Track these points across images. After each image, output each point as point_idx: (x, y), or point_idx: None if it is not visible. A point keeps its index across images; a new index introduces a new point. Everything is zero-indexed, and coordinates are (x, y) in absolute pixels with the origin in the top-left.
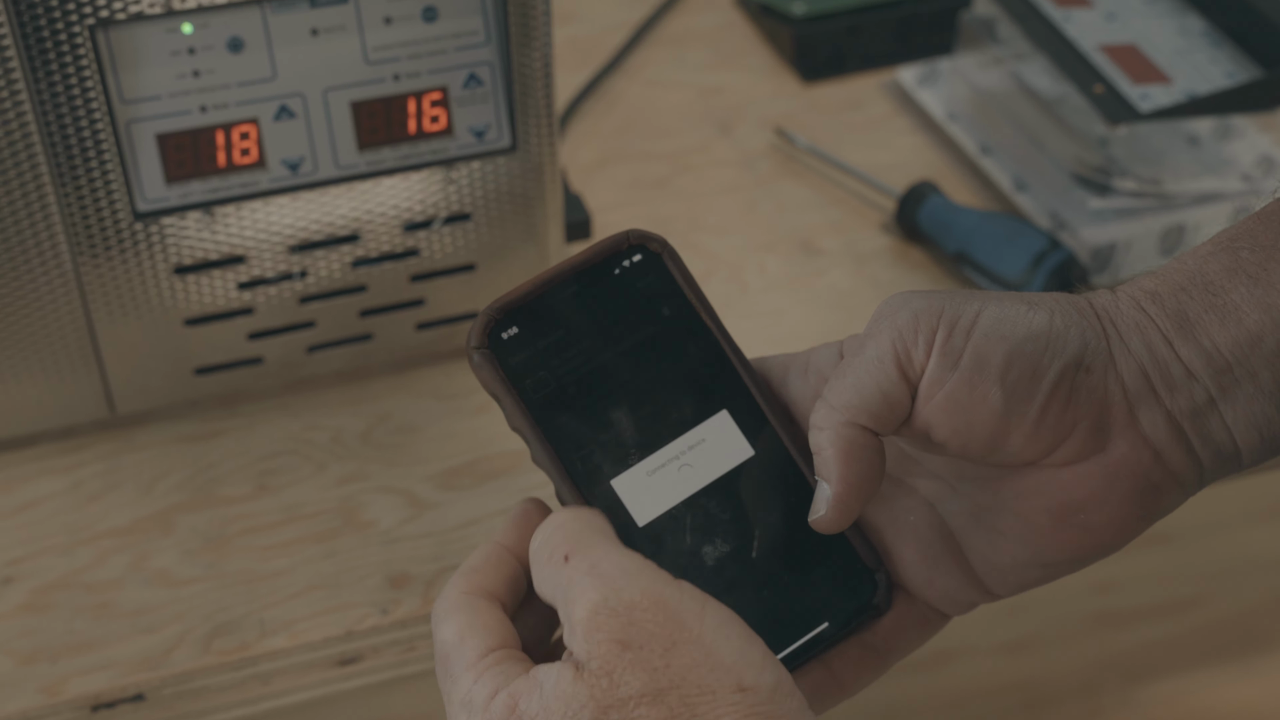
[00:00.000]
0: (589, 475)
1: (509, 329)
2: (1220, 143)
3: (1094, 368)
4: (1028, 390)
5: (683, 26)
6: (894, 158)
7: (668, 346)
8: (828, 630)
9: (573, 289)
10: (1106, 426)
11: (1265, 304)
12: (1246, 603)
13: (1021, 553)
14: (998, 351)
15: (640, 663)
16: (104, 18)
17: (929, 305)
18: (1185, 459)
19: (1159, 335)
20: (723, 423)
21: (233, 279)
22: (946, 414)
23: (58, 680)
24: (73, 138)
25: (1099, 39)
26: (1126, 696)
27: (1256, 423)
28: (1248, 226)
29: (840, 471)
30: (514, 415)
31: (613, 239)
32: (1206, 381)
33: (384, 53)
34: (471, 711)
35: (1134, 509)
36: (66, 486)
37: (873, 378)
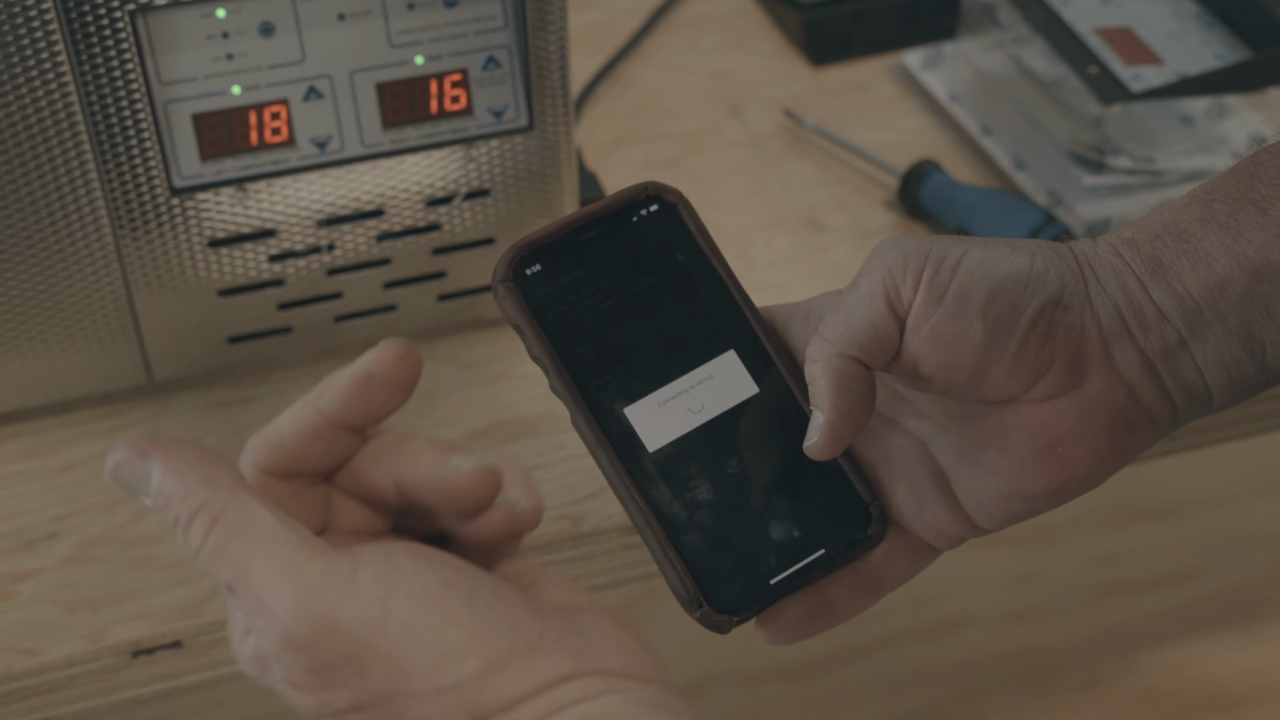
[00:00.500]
0: (603, 403)
1: (532, 266)
2: (1213, 122)
3: (1071, 306)
4: (1008, 324)
5: (695, 12)
6: (899, 138)
7: (680, 289)
8: (824, 557)
9: (593, 233)
10: (1083, 363)
11: (1234, 251)
12: (1246, 574)
13: (1005, 486)
14: (980, 288)
15: (339, 683)
16: (143, 3)
17: (917, 246)
18: (1158, 397)
19: (1133, 278)
20: (730, 361)
21: (264, 252)
22: (932, 347)
23: (100, 628)
24: (114, 117)
25: (1094, 22)
26: (1128, 664)
27: (1225, 364)
28: (1222, 181)
29: (832, 399)
30: (535, 345)
31: (631, 189)
32: (1178, 322)
33: (407, 36)
34: None
35: (1110, 443)
36: (106, 449)
37: (863, 312)
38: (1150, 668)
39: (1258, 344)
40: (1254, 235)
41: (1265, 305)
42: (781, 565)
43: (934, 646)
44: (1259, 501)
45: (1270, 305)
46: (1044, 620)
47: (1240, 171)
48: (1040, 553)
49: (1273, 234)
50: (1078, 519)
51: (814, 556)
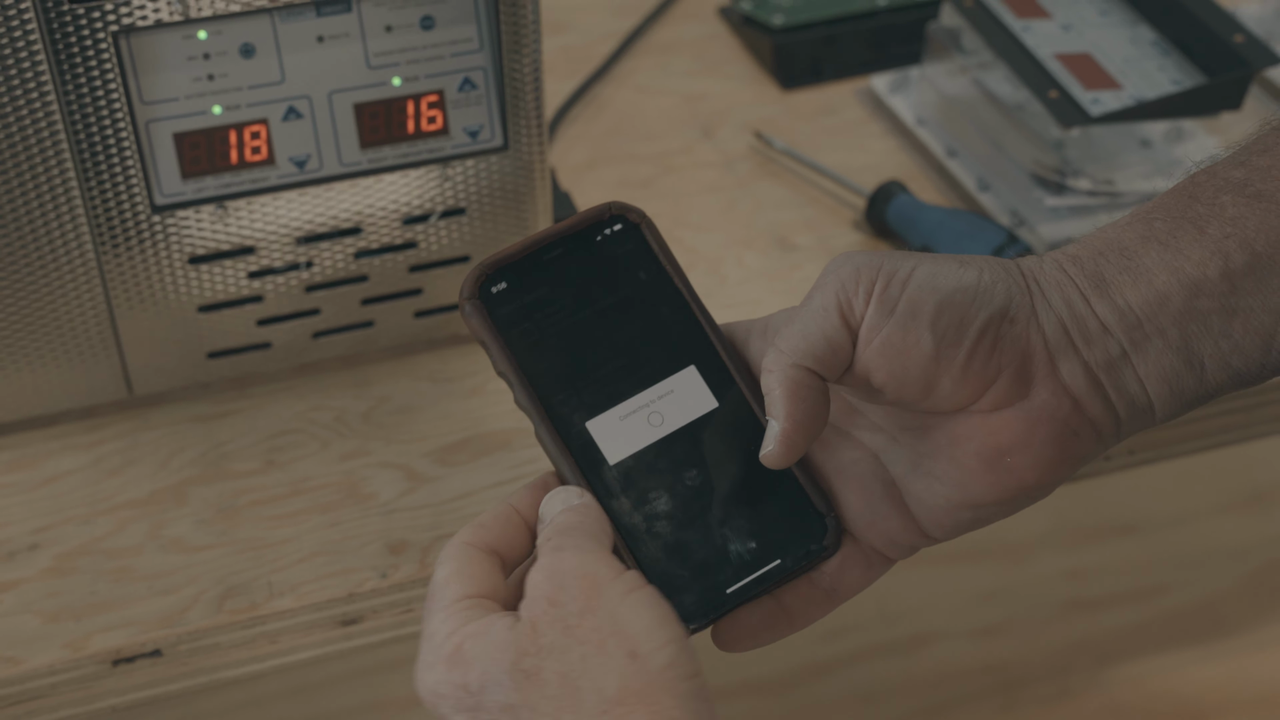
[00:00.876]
0: (566, 417)
1: (498, 284)
2: (1171, 145)
3: (1018, 319)
4: (956, 336)
5: (669, 36)
6: (866, 160)
7: (642, 306)
8: (779, 567)
9: (558, 251)
10: (1029, 374)
11: (1173, 267)
12: (1211, 589)
13: (954, 495)
14: (929, 301)
15: (558, 619)
16: (126, 25)
17: (869, 261)
18: (1102, 408)
19: (1077, 293)
20: (690, 377)
21: (243, 268)
22: (884, 358)
23: (81, 637)
24: (96, 136)
25: (1055, 48)
26: (1096, 678)
27: (1165, 376)
28: (1162, 201)
29: (787, 409)
30: (499, 361)
31: (596, 209)
32: (1119, 335)
33: (384, 58)
34: (431, 645)
35: (1056, 452)
36: (88, 462)
37: (818, 324)
38: (1117, 681)
39: (1196, 357)
40: (1191, 252)
41: (1203, 320)
42: (738, 575)
43: (904, 661)
44: (1223, 518)
45: (1208, 320)
46: (1013, 635)
47: (1179, 192)
48: (1009, 569)
49: (1209, 251)
50: (1045, 536)
51: (769, 567)
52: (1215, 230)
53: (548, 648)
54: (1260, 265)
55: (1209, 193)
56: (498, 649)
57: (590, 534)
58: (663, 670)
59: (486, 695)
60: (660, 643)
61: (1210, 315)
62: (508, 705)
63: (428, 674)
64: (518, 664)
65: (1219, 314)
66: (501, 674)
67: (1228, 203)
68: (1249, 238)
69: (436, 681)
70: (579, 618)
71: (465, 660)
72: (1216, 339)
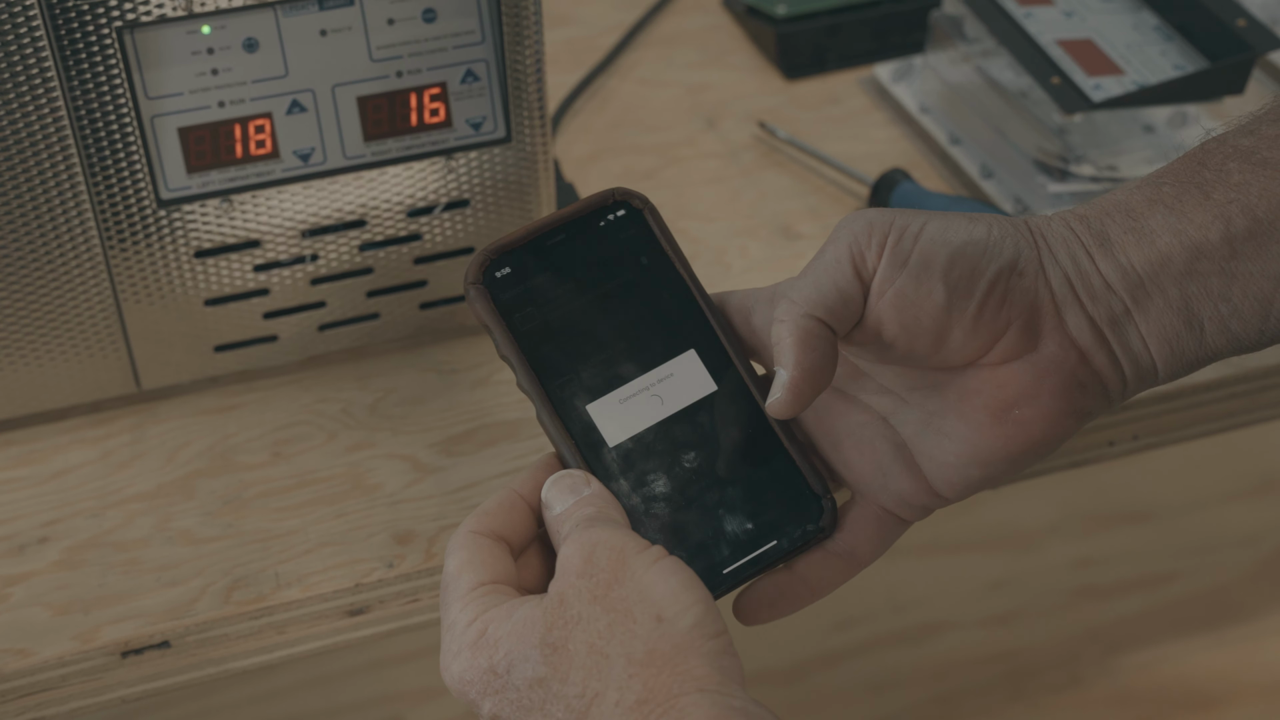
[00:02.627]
0: (567, 400)
1: (502, 269)
2: (1174, 130)
3: (1026, 272)
4: (967, 287)
5: (672, 28)
6: (870, 149)
7: (644, 291)
8: (776, 548)
9: (561, 236)
10: (1037, 327)
11: (1176, 230)
12: (1221, 576)
13: (965, 451)
14: (941, 254)
15: (587, 590)
16: (130, 20)
17: (882, 216)
18: (1107, 361)
19: (1082, 249)
20: (690, 360)
21: (249, 262)
22: (896, 309)
23: (90, 629)
24: (101, 131)
25: (1057, 34)
26: (1105, 666)
27: (1166, 336)
28: (1172, 167)
29: (795, 357)
30: (503, 344)
31: (599, 195)
32: (1122, 294)
33: (387, 51)
34: (453, 634)
35: (1063, 404)
36: (96, 455)
37: (830, 276)
38: (1127, 669)
39: (1196, 319)
40: (1195, 215)
41: (1203, 282)
42: (734, 556)
43: (913, 650)
44: (1232, 505)
45: (1208, 281)
46: (1022, 623)
47: (1189, 158)
48: (1018, 557)
49: (1213, 215)
50: (1055, 524)
51: (766, 547)
52: (1220, 195)
53: (575, 618)
54: (1261, 231)
55: (1217, 159)
56: (524, 625)
57: (615, 520)
58: (689, 631)
59: (514, 673)
60: (686, 605)
61: (1210, 277)
62: (537, 679)
63: (453, 662)
64: (545, 638)
65: (1218, 276)
66: (530, 649)
67: (1234, 169)
68: (1251, 203)
69: (463, 669)
70: (607, 588)
71: (490, 643)
72: (1216, 302)
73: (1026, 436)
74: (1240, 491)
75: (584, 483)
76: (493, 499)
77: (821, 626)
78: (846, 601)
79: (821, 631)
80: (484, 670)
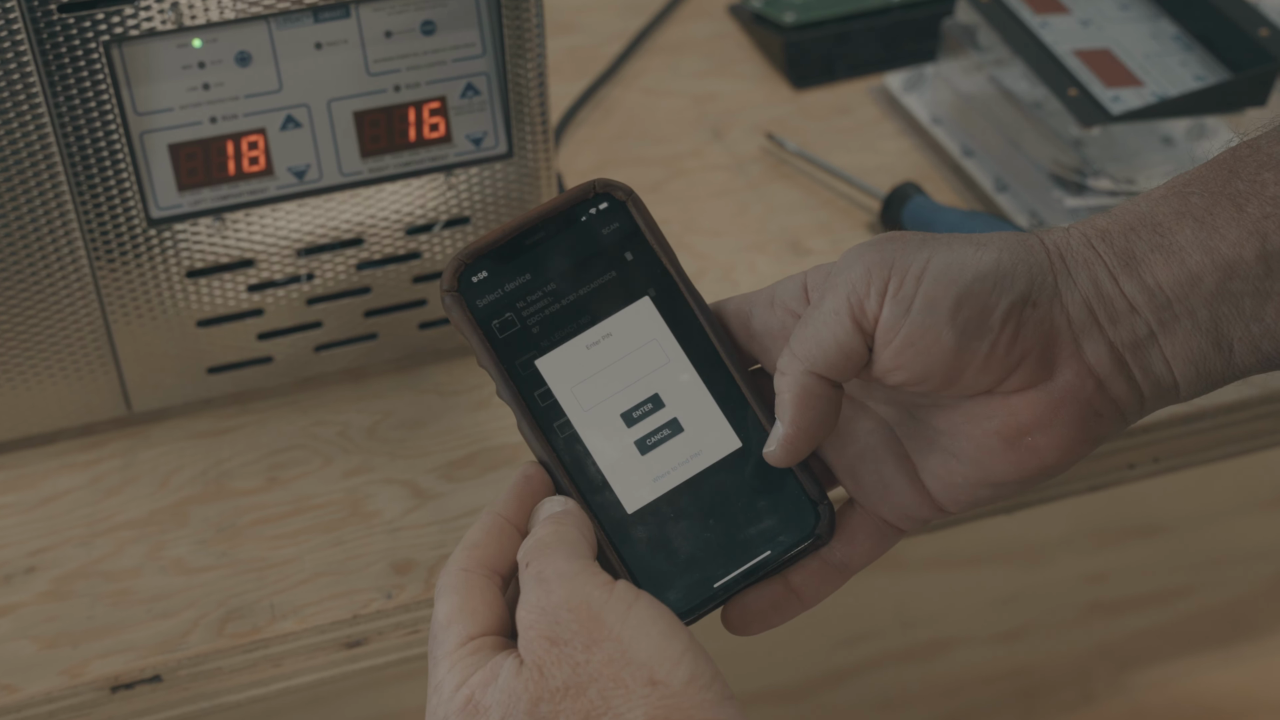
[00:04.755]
0: (549, 410)
1: (479, 273)
2: (1194, 142)
3: (1040, 301)
4: (979, 328)
5: (678, 36)
6: (881, 160)
7: (629, 288)
8: (769, 558)
9: (540, 234)
10: (1052, 356)
11: (1208, 246)
12: (1235, 592)
13: (972, 473)
14: (948, 294)
15: (564, 658)
16: (118, 34)
17: (879, 258)
18: (1126, 387)
19: (1105, 271)
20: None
21: (243, 282)
22: (904, 357)
23: (79, 663)
24: (89, 149)
25: (1074, 44)
26: (1118, 683)
27: (1193, 358)
28: (1199, 173)
29: (792, 415)
30: (481, 354)
31: (580, 187)
32: (1147, 315)
33: (385, 64)
34: (440, 697)
35: (1078, 433)
36: (86, 481)
37: (829, 330)
38: (1140, 686)
39: (1225, 339)
40: (1228, 231)
41: (1235, 302)
42: (727, 568)
43: (923, 667)
44: (1247, 518)
45: (1240, 302)
46: (1033, 640)
47: (1219, 165)
48: (1029, 572)
49: (1247, 231)
50: (1066, 538)
51: (760, 558)
52: (1254, 209)
53: (561, 690)
54: None
55: (1250, 168)
56: (509, 696)
57: (569, 546)
58: (685, 687)
59: None
60: (675, 659)
61: (1243, 297)
62: None
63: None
64: (534, 711)
65: (1252, 296)
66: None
67: (1270, 180)
68: None
69: None
70: (585, 652)
71: (480, 710)
72: (1248, 322)
73: (1038, 462)
74: (1255, 504)
75: (559, 504)
76: (478, 528)
77: (829, 643)
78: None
79: (829, 648)
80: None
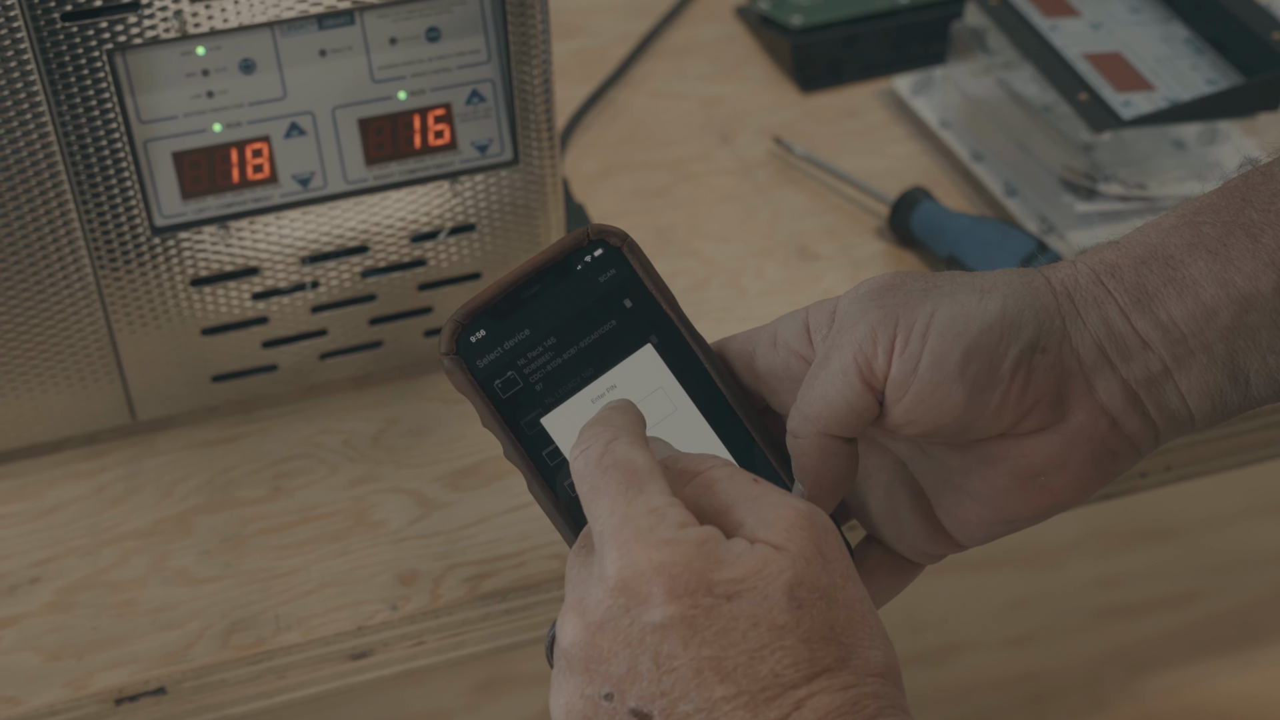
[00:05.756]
0: (559, 469)
1: (476, 332)
2: (1205, 147)
3: (1049, 347)
4: (988, 380)
5: (685, 39)
6: (889, 164)
7: (630, 337)
8: None
9: (536, 288)
10: (1064, 398)
11: (1223, 279)
12: (1247, 596)
13: (986, 512)
14: (955, 350)
15: (824, 571)
16: (121, 42)
17: (883, 315)
18: (1141, 424)
19: (1116, 309)
20: (685, 407)
21: (247, 290)
22: (915, 413)
23: (83, 675)
24: (93, 157)
25: (1084, 48)
26: (1129, 689)
27: (1209, 391)
28: (1210, 200)
29: (815, 477)
30: (485, 416)
31: (573, 235)
32: (1161, 351)
33: (389, 71)
34: (660, 520)
35: (1092, 471)
36: (90, 490)
37: (839, 391)
38: (1151, 691)
39: (1242, 372)
40: (1243, 263)
41: (1251, 334)
42: None
43: (933, 672)
44: (1259, 522)
45: (1257, 334)
46: (1043, 644)
47: (1230, 193)
48: (1039, 576)
49: (1263, 262)
50: (1077, 541)
51: None
52: (1270, 240)
53: (821, 588)
54: None
55: (1264, 197)
56: (765, 562)
57: None
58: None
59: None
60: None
61: (1259, 330)
62: (777, 626)
63: (650, 550)
64: (792, 591)
65: (1268, 329)
66: (774, 590)
67: None
68: None
69: (668, 556)
70: (840, 581)
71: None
72: (1264, 354)
73: (1053, 500)
74: (1266, 507)
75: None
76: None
77: None
78: None
79: None
80: (698, 574)
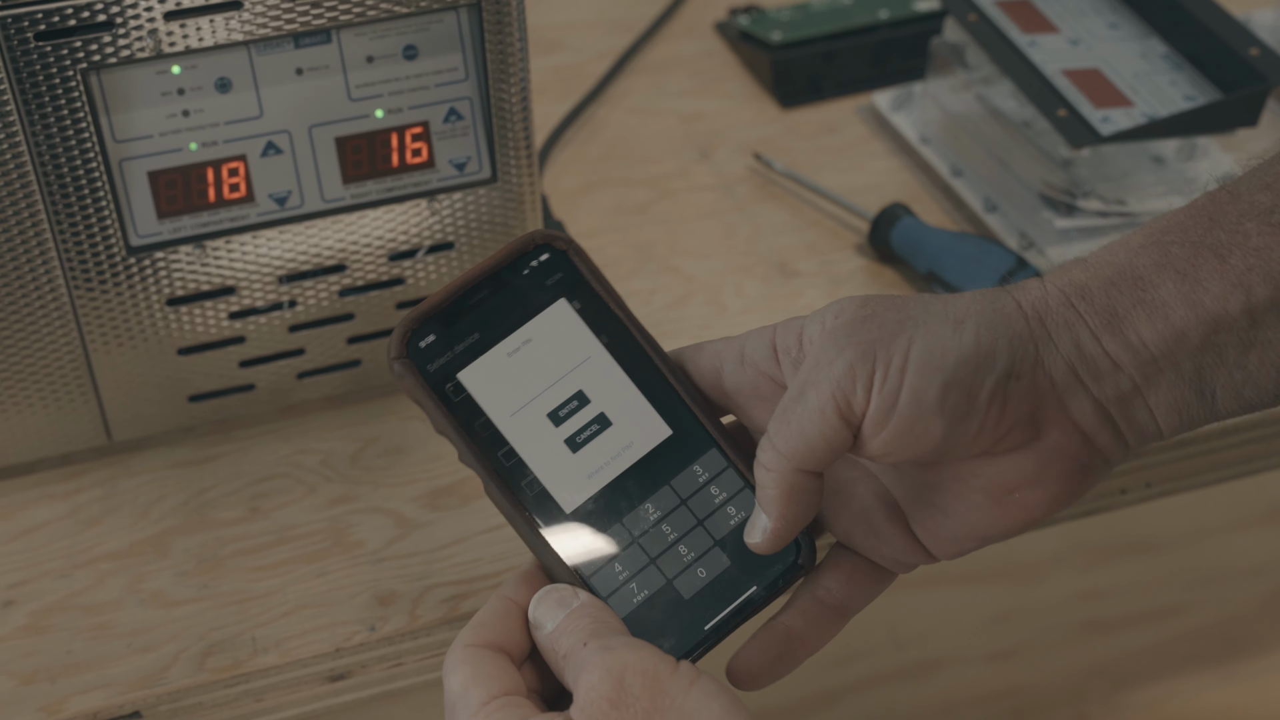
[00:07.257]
0: (514, 470)
1: (426, 337)
2: (1185, 162)
3: (1023, 373)
4: (966, 411)
5: (664, 55)
6: (869, 180)
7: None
8: (756, 594)
9: (484, 292)
10: (1038, 419)
11: (1191, 300)
12: (1229, 609)
13: (961, 527)
14: (933, 384)
15: None
16: (95, 61)
17: (862, 352)
18: (1112, 438)
19: (1087, 331)
20: (640, 406)
21: (224, 309)
22: (893, 445)
23: (57, 699)
24: (67, 176)
25: (1062, 64)
26: (1112, 702)
27: (1176, 407)
28: (1178, 219)
29: (780, 510)
30: (437, 420)
31: (519, 240)
32: (1132, 372)
33: (366, 90)
34: None
35: (1065, 486)
36: (65, 512)
37: (816, 427)
38: (1134, 705)
39: (1209, 387)
40: (1211, 284)
41: (1219, 353)
42: (715, 609)
43: (915, 687)
44: (1240, 535)
45: (1224, 352)
46: (1026, 659)
47: (1198, 213)
48: (1021, 591)
49: (1231, 283)
50: (1059, 555)
51: (746, 595)
52: (1238, 261)
53: None
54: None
55: (1232, 218)
56: None
57: (617, 628)
58: None
59: None
60: None
61: (1226, 348)
62: None
63: None
64: None
65: (1235, 347)
66: None
67: (1252, 230)
68: (1273, 270)
69: None
70: (646, 718)
71: None
72: (1231, 370)
73: (1026, 516)
74: (1248, 520)
75: (572, 595)
76: (486, 610)
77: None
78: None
79: (821, 668)
80: None
